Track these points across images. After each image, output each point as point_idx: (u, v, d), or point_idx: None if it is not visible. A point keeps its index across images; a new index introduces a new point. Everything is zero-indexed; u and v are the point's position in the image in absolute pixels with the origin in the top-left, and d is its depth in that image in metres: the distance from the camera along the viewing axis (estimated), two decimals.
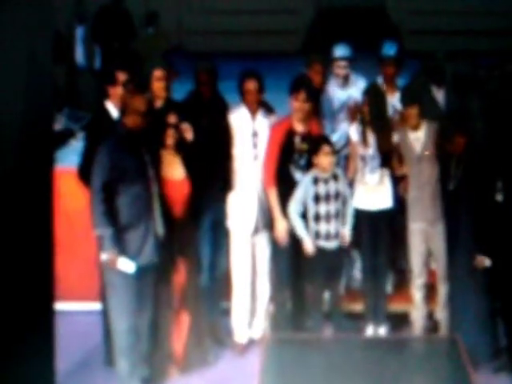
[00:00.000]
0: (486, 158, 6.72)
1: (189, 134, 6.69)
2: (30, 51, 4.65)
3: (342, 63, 7.75)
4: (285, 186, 6.88)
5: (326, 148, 6.82)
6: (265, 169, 6.91)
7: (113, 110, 6.76)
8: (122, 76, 6.76)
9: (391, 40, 7.77)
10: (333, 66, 7.78)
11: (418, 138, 6.98)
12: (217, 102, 7.15)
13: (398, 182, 7.07)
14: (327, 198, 6.87)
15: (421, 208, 6.96)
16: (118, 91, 6.68)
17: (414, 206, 7.00)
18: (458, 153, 6.68)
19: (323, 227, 6.88)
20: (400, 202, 7.08)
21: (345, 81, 7.77)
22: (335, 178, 6.91)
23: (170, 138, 6.47)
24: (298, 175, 6.90)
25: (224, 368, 6.83)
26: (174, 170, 6.54)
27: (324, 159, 6.82)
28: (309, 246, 6.85)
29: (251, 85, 6.91)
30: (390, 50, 7.61)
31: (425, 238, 7.00)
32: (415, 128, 6.97)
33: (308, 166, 6.89)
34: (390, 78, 7.62)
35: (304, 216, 6.89)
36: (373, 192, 7.02)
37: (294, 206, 6.86)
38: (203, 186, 6.72)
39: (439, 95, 7.67)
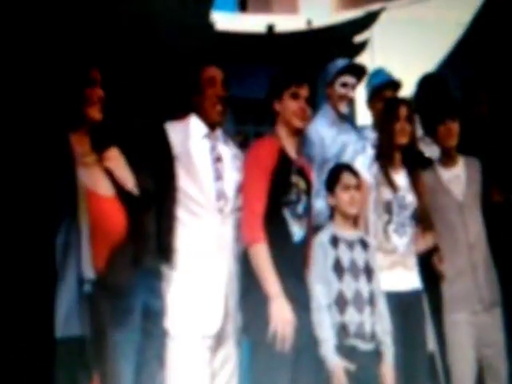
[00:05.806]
0: None
1: None
2: None
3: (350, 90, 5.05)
4: (276, 240, 3.89)
5: (346, 177, 4.17)
6: (246, 215, 3.93)
7: None
8: None
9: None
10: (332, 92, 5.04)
11: (458, 177, 4.55)
12: None
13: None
14: (354, 270, 4.03)
15: (470, 286, 4.42)
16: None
17: (456, 286, 4.44)
18: None
19: (353, 318, 3.94)
20: (429, 280, 4.50)
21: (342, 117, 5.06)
22: (363, 244, 4.13)
23: None
24: (294, 228, 4.03)
25: None
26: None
27: (344, 194, 4.13)
28: (339, 375, 3.83)
29: None
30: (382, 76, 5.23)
31: (475, 332, 4.42)
32: (452, 162, 4.59)
33: (307, 214, 4.12)
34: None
35: None
36: (399, 265, 4.30)
37: (321, 288, 3.97)
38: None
39: None
